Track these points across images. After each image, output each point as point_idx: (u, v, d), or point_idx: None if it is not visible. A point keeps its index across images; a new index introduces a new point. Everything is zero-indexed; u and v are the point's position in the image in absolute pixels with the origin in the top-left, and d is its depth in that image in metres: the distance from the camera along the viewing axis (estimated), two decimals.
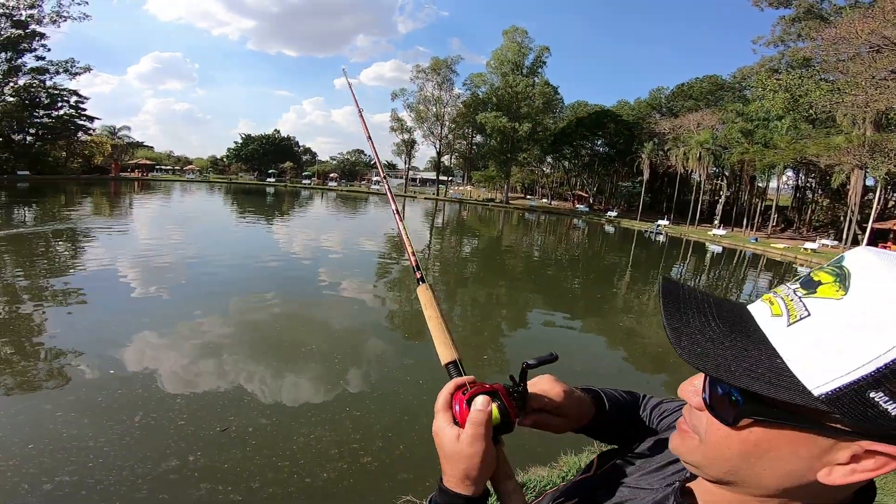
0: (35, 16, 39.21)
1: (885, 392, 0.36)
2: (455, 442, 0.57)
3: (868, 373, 0.36)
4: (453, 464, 0.57)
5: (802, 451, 0.41)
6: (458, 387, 0.63)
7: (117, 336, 6.41)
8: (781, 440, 0.42)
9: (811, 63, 31.14)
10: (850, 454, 0.40)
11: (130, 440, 4.00)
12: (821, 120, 33.24)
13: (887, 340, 0.36)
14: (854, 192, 29.26)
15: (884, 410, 0.36)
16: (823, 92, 26.69)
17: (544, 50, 51.61)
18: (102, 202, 28.74)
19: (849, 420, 0.38)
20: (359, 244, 18.52)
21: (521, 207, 54.83)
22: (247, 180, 68.96)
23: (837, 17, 29.53)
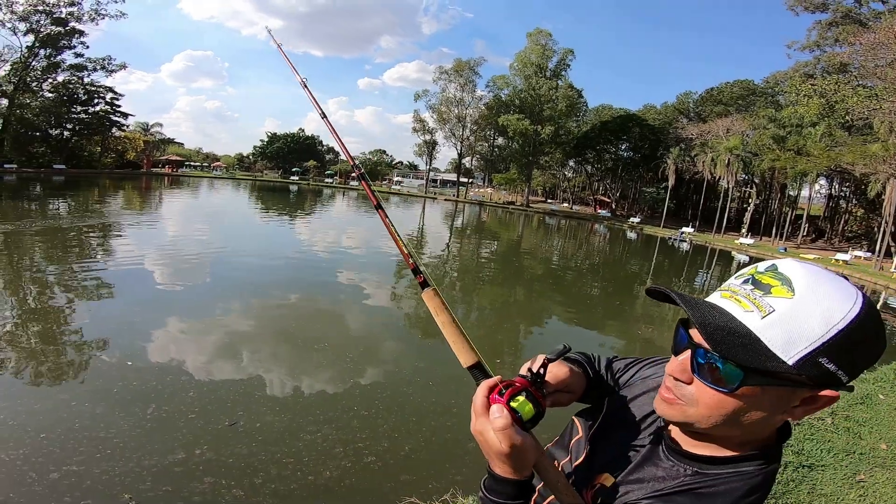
0: (75, 13, 40.52)
1: (828, 358, 0.58)
2: (498, 443, 0.67)
3: (818, 346, 0.58)
4: (501, 460, 0.67)
5: (778, 403, 0.63)
6: (491, 388, 0.71)
7: (139, 328, 6.54)
8: (767, 397, 0.62)
9: (848, 68, 30.05)
10: (800, 399, 0.62)
11: (140, 432, 4.07)
12: (857, 127, 31.99)
13: (827, 324, 0.58)
14: (889, 203, 28.01)
15: (827, 370, 0.59)
16: (860, 98, 25.65)
17: (568, 52, 51.08)
18: (133, 197, 29.62)
19: (808, 378, 0.59)
20: (377, 244, 18.60)
21: (541, 211, 54.34)
22: (271, 178, 70.15)
23: (876, 21, 28.46)
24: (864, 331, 0.59)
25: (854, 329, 0.58)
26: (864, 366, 0.61)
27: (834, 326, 0.58)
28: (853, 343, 0.59)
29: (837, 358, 0.59)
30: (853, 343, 0.59)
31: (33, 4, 37.76)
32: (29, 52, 39.42)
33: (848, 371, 0.60)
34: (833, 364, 0.59)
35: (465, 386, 5.97)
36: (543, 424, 0.71)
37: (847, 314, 0.59)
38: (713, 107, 50.03)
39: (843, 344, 0.58)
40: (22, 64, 39.10)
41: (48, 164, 42.48)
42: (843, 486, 3.21)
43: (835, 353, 0.59)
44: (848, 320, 0.58)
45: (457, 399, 5.27)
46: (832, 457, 3.55)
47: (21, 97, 40.11)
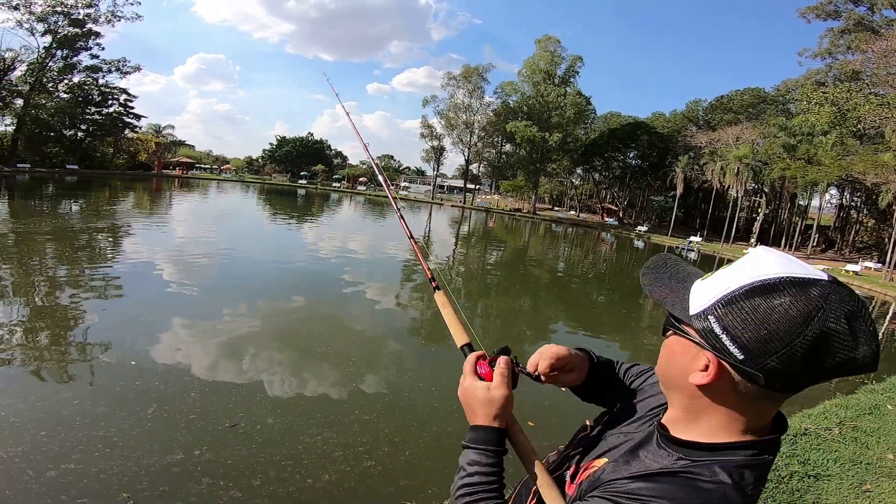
0: (92, 15, 41.20)
1: (716, 317, 0.60)
2: (486, 391, 0.83)
3: (714, 301, 0.61)
4: (487, 406, 0.82)
5: (685, 355, 0.66)
6: (478, 357, 0.89)
7: (145, 328, 6.56)
8: (679, 346, 0.67)
9: (860, 76, 29.78)
10: (704, 363, 0.63)
11: (140, 431, 4.06)
12: (869, 136, 31.66)
13: (732, 281, 0.60)
14: None
15: (712, 329, 0.60)
16: (872, 106, 25.37)
17: (577, 59, 51.15)
18: (144, 198, 29.92)
19: (699, 335, 0.62)
20: (384, 248, 18.63)
21: (548, 218, 54.22)
22: (279, 181, 70.66)
23: (888, 29, 28.29)
24: (778, 303, 0.56)
25: (758, 291, 0.57)
26: (772, 350, 0.56)
27: (732, 286, 0.60)
28: (753, 310, 0.57)
29: (726, 319, 0.59)
30: (753, 310, 0.57)
31: (52, 5, 38.44)
32: (46, 53, 40.07)
33: (739, 342, 0.58)
34: (719, 325, 0.59)
35: None
36: (558, 424, 0.76)
37: (759, 275, 0.58)
38: (723, 115, 49.83)
39: (739, 306, 0.58)
40: (38, 64, 39.75)
41: (61, 164, 43.10)
42: (850, 496, 3.15)
43: (723, 313, 0.59)
44: (753, 279, 0.58)
45: (459, 405, 5.21)
46: (839, 467, 3.49)
47: (36, 97, 40.77)
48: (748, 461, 0.63)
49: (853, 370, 0.57)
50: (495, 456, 0.80)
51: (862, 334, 0.55)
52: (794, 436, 3.96)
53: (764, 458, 0.64)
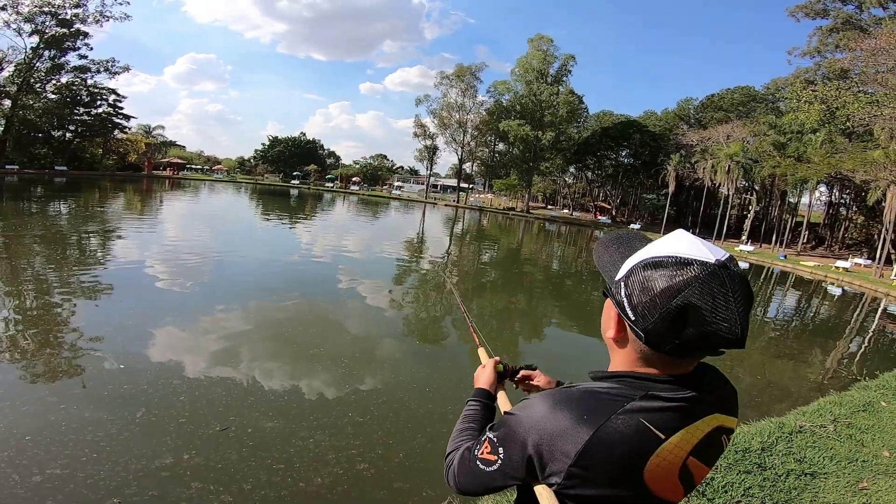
0: (80, 15, 40.66)
1: (623, 284, 0.74)
2: (483, 371, 1.26)
3: (625, 272, 0.74)
4: (480, 377, 1.24)
5: (609, 314, 0.80)
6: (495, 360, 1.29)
7: (134, 331, 6.48)
8: (607, 307, 0.81)
9: (849, 74, 30.06)
10: (615, 322, 0.78)
11: (128, 435, 3.99)
12: (857, 133, 31.98)
13: (635, 259, 0.74)
14: (890, 210, 27.92)
15: (620, 293, 0.74)
16: (861, 104, 25.60)
17: (570, 58, 51.24)
18: (134, 199, 29.62)
19: (613, 295, 0.77)
20: (378, 248, 18.55)
21: (541, 217, 54.32)
22: (272, 181, 70.23)
23: (877, 27, 28.39)
24: (658, 274, 0.69)
25: (650, 265, 0.70)
26: (651, 315, 0.69)
27: (641, 257, 0.73)
28: (644, 280, 0.70)
29: (629, 286, 0.72)
30: (644, 280, 0.70)
31: (39, 6, 37.93)
32: (33, 54, 39.57)
33: (632, 305, 0.72)
34: (625, 290, 0.73)
35: (461, 392, 5.84)
36: None
37: (658, 252, 0.71)
38: (714, 113, 50.15)
39: (637, 276, 0.71)
40: (26, 65, 39.23)
41: (50, 165, 42.57)
42: (846, 494, 3.14)
43: (628, 281, 0.72)
44: (653, 255, 0.71)
45: (454, 406, 5.20)
46: (834, 464, 3.49)
47: (24, 98, 40.22)
48: (627, 383, 0.76)
49: (718, 342, 0.68)
50: (481, 402, 1.13)
51: (724, 312, 0.66)
52: (790, 434, 3.95)
53: (636, 380, 0.76)
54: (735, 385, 0.98)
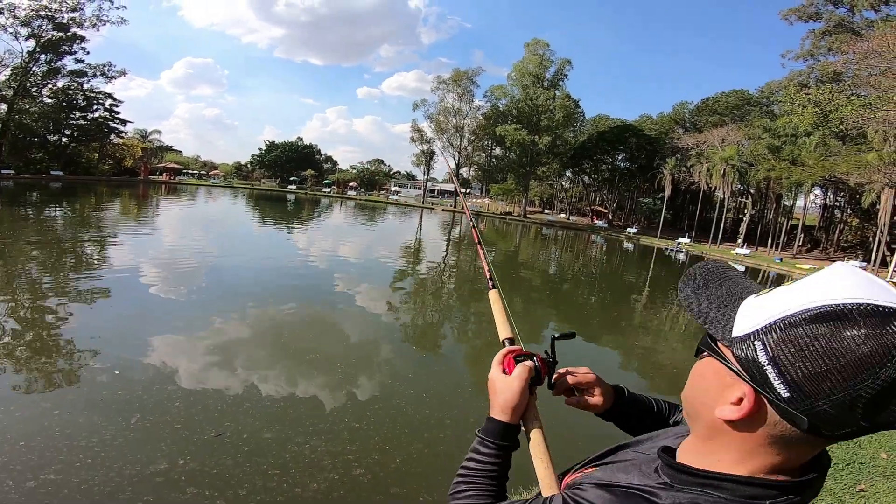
0: (76, 19, 40.75)
1: (761, 342, 0.49)
2: (501, 382, 0.83)
3: (763, 325, 0.50)
4: (498, 396, 0.82)
5: (717, 383, 0.55)
6: (510, 351, 0.89)
7: (129, 337, 6.45)
8: (710, 371, 0.56)
9: (842, 77, 30.28)
10: (738, 396, 0.52)
11: (123, 441, 3.97)
12: (851, 136, 32.21)
13: (787, 304, 0.49)
14: (884, 212, 28.17)
15: (755, 359, 0.50)
16: (854, 107, 25.80)
17: (566, 63, 51.55)
18: (131, 204, 29.54)
19: (739, 363, 0.52)
20: (375, 254, 18.55)
21: (538, 222, 54.44)
22: (269, 187, 70.20)
23: (869, 30, 28.70)
24: (848, 335, 0.45)
25: (824, 317, 0.46)
26: (827, 392, 0.46)
27: (791, 309, 0.49)
28: (812, 340, 0.46)
29: (776, 347, 0.48)
30: (812, 340, 0.46)
31: (36, 9, 37.96)
32: (30, 58, 39.61)
33: (788, 378, 0.48)
34: (766, 354, 0.49)
35: (459, 398, 5.84)
36: None
37: (829, 298, 0.47)
38: (709, 116, 50.47)
39: (795, 334, 0.47)
40: (22, 69, 39.23)
41: (46, 170, 42.45)
42: (844, 496, 3.15)
43: (774, 340, 0.49)
44: (820, 301, 0.47)
45: (451, 411, 5.20)
46: (831, 466, 3.47)
47: (20, 102, 40.21)
48: (739, 500, 0.53)
49: None
50: (495, 448, 0.79)
51: None
52: None
53: (769, 500, 0.53)
54: None
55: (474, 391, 6.10)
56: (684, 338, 10.80)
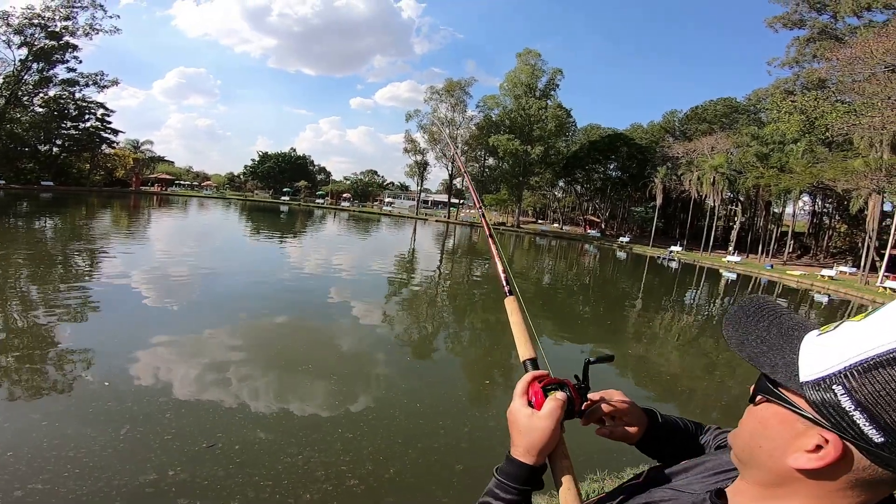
0: (69, 27, 40.72)
1: (845, 388, 0.45)
2: (529, 419, 0.71)
3: (840, 368, 0.46)
4: (524, 436, 0.71)
5: (784, 431, 0.51)
6: (535, 378, 0.77)
7: (120, 349, 6.39)
8: (775, 418, 0.52)
9: (826, 84, 30.76)
10: (815, 443, 0.48)
11: (112, 452, 3.93)
12: (837, 143, 32.73)
13: (866, 345, 0.45)
14: (872, 218, 28.56)
15: (838, 404, 0.46)
16: (840, 114, 26.23)
17: (557, 72, 52.11)
18: (122, 215, 29.34)
19: (816, 409, 0.48)
20: (368, 265, 18.51)
21: (532, 232, 54.66)
22: (262, 198, 70.04)
23: (852, 37, 29.03)
24: None
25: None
26: None
27: (875, 349, 0.45)
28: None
29: (861, 391, 0.45)
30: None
31: (29, 18, 37.90)
32: (22, 66, 39.49)
33: (880, 422, 0.44)
34: (850, 399, 0.45)
35: (453, 407, 5.81)
36: None
37: (891, 336, 0.44)
38: (698, 125, 51.16)
39: (883, 376, 0.44)
40: (14, 77, 39.08)
41: (36, 180, 42.13)
42: None
43: (857, 384, 0.45)
44: (891, 342, 0.44)
45: (445, 421, 5.18)
46: None
47: (12, 111, 39.98)
48: None
49: None
50: (516, 493, 0.69)
51: None
52: None
53: None
54: (726, 395, 0.93)
55: (468, 401, 6.08)
56: (678, 346, 10.85)
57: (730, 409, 6.64)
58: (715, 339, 12.08)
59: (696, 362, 9.67)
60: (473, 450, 4.69)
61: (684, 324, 13.99)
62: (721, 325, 0.60)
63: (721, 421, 0.89)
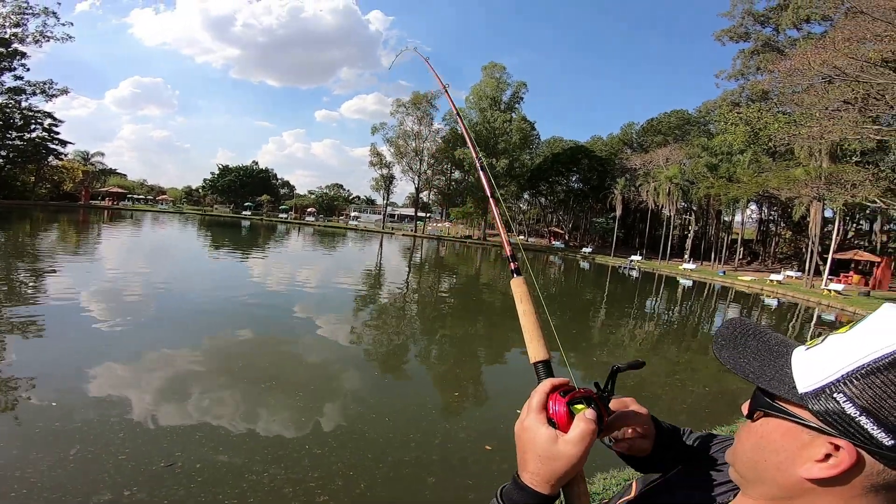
0: (19, 34, 38.72)
1: (846, 394, 0.47)
2: (552, 443, 0.61)
3: (838, 376, 0.48)
4: (545, 463, 0.60)
5: (789, 443, 0.51)
6: (555, 387, 0.66)
7: (68, 369, 6.05)
8: (777, 431, 0.52)
9: (769, 96, 32.41)
10: (824, 452, 0.48)
11: (62, 472, 3.73)
12: (780, 153, 34.52)
13: (861, 352, 0.47)
14: (814, 224, 30.26)
15: (843, 411, 0.47)
16: (781, 124, 27.64)
17: (521, 85, 53.23)
18: (70, 231, 27.79)
19: (820, 419, 0.49)
20: (335, 280, 18.22)
21: (498, 244, 55.17)
22: (222, 212, 67.97)
23: (792, 49, 30.28)
24: None
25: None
26: None
27: (869, 355, 0.47)
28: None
29: (863, 397, 0.46)
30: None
31: None
32: None
33: (888, 425, 0.45)
34: (853, 405, 0.47)
35: (423, 420, 5.75)
36: None
37: (888, 341, 0.46)
38: (653, 137, 53.37)
39: (883, 381, 0.46)
40: None
41: None
42: None
43: (857, 390, 0.47)
44: (892, 348, 0.46)
45: (415, 434, 5.13)
46: None
47: None
48: None
49: None
50: None
51: None
52: None
53: None
54: (687, 397, 0.88)
55: (438, 413, 6.04)
56: (640, 352, 11.15)
57: (694, 412, 6.85)
58: (677, 345, 12.52)
59: (660, 367, 9.96)
60: (445, 462, 4.65)
61: (647, 330, 14.43)
62: (711, 345, 0.60)
63: (688, 423, 0.88)
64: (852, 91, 19.25)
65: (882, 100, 18.61)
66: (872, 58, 17.89)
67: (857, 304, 21.75)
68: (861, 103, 19.47)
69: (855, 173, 23.87)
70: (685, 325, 16.57)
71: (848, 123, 20.05)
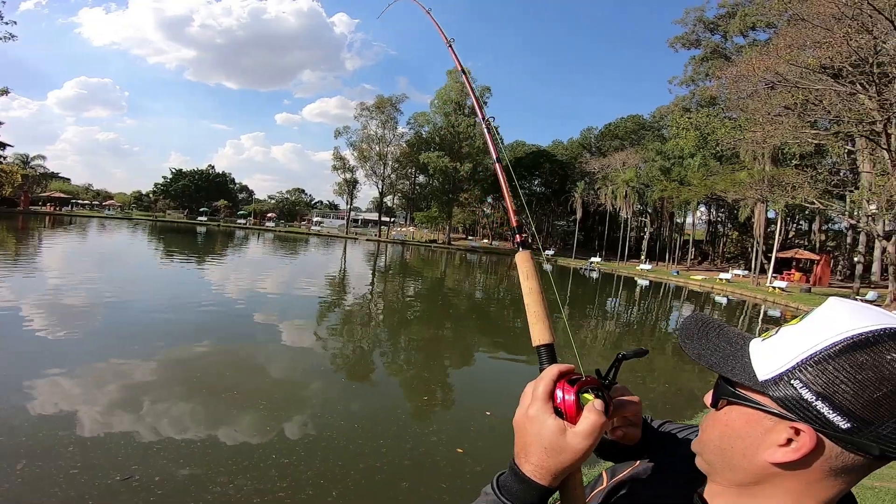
0: None
1: (802, 381, 0.49)
2: (560, 435, 0.58)
3: (793, 365, 0.50)
4: (551, 455, 0.58)
5: (753, 429, 0.53)
6: (563, 375, 0.63)
7: (9, 382, 5.67)
8: (741, 419, 0.55)
9: (717, 101, 33.93)
10: (786, 437, 0.51)
11: (9, 487, 3.51)
12: (727, 157, 36.21)
13: (814, 339, 0.50)
14: (759, 225, 32.06)
15: (800, 396, 0.49)
16: (727, 129, 28.95)
17: (486, 90, 53.97)
18: (7, 238, 25.90)
19: (778, 400, 0.51)
20: (296, 286, 17.79)
21: (462, 248, 55.55)
22: (175, 218, 65.13)
23: (738, 55, 31.69)
24: (891, 357, 0.47)
25: (854, 348, 0.48)
26: (889, 414, 0.47)
27: (819, 344, 0.50)
28: (857, 369, 0.47)
29: (817, 382, 0.49)
30: (857, 369, 0.47)
31: None
32: None
33: (843, 409, 0.48)
34: (809, 390, 0.49)
35: (393, 425, 5.69)
36: (485, 448, 0.66)
37: (848, 330, 0.49)
38: (611, 141, 55.21)
39: (835, 366, 0.48)
40: None
41: None
42: None
43: (812, 376, 0.49)
44: (846, 333, 0.49)
45: (385, 439, 5.06)
46: None
47: None
48: None
49: None
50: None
51: None
52: None
53: None
54: (648, 393, 0.85)
55: (408, 418, 6.00)
56: (602, 353, 11.46)
57: (654, 408, 7.06)
58: (636, 343, 12.93)
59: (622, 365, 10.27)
60: (417, 467, 4.62)
61: (608, 330, 14.86)
62: (677, 338, 0.62)
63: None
64: (792, 97, 20.44)
65: (819, 105, 19.84)
66: (812, 64, 19.08)
67: (799, 300, 23.19)
68: (800, 108, 20.68)
69: (795, 176, 25.37)
70: (644, 323, 17.17)
71: (788, 128, 21.25)
